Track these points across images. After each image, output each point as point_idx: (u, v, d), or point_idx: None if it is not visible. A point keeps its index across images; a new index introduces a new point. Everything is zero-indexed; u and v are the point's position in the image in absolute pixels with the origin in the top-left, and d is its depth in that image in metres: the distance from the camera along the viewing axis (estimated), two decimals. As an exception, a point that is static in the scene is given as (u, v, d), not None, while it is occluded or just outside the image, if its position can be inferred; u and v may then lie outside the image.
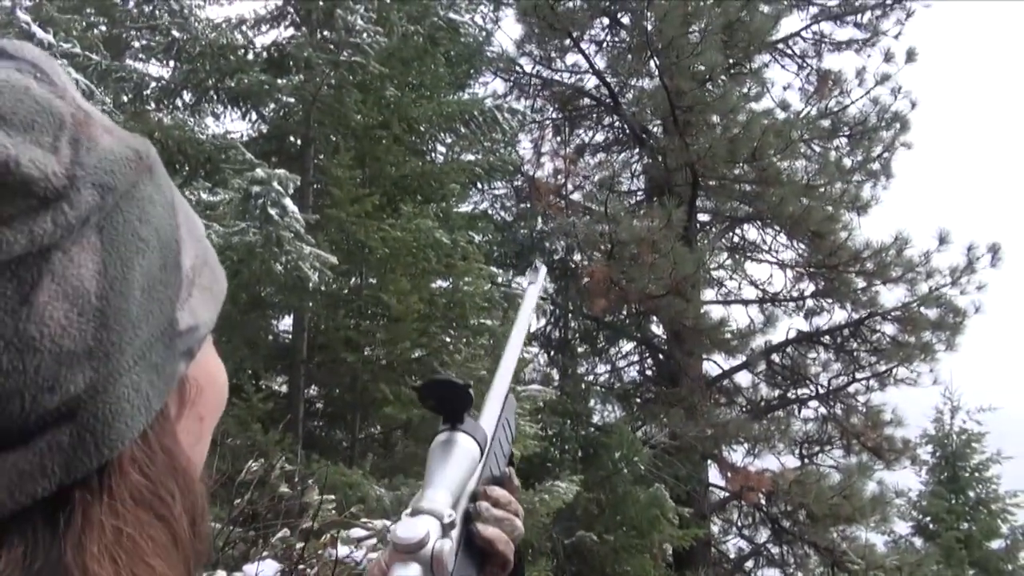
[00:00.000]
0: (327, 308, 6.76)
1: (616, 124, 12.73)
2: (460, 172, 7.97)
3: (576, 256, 11.57)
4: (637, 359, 12.41)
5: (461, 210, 8.94)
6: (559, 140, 12.59)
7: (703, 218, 12.13)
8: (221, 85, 7.30)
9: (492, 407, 0.86)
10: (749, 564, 11.13)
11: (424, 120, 7.91)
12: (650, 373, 12.24)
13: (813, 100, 11.97)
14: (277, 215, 5.49)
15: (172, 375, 0.48)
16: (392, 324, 6.47)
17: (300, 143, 7.60)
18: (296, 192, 6.21)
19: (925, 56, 11.57)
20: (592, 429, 10.11)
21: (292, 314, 7.19)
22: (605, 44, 12.58)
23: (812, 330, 11.43)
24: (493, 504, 0.78)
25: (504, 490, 0.81)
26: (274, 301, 6.96)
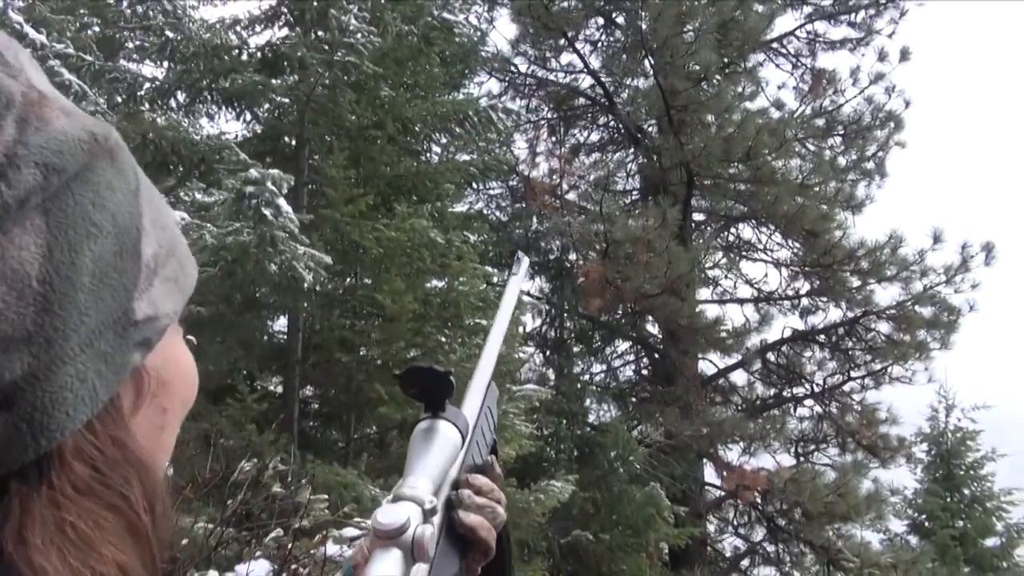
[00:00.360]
0: (322, 308, 6.76)
1: (611, 124, 12.73)
2: (455, 172, 7.97)
3: (571, 256, 11.58)
4: (632, 358, 12.41)
5: (456, 210, 8.93)
6: (554, 140, 12.60)
7: (698, 217, 12.14)
8: (215, 85, 7.30)
9: (474, 396, 0.86)
10: (745, 563, 11.14)
11: (419, 120, 7.91)
12: (646, 372, 12.24)
13: (807, 99, 11.99)
14: (271, 215, 5.49)
15: (124, 365, 0.46)
16: (387, 324, 6.47)
17: (294, 143, 7.60)
18: (290, 192, 6.22)
19: (919, 55, 11.61)
20: (588, 428, 10.12)
21: (287, 314, 7.18)
22: (600, 44, 12.60)
23: (807, 329, 11.44)
24: (475, 492, 0.78)
25: (486, 478, 0.81)
26: (268, 301, 6.96)
